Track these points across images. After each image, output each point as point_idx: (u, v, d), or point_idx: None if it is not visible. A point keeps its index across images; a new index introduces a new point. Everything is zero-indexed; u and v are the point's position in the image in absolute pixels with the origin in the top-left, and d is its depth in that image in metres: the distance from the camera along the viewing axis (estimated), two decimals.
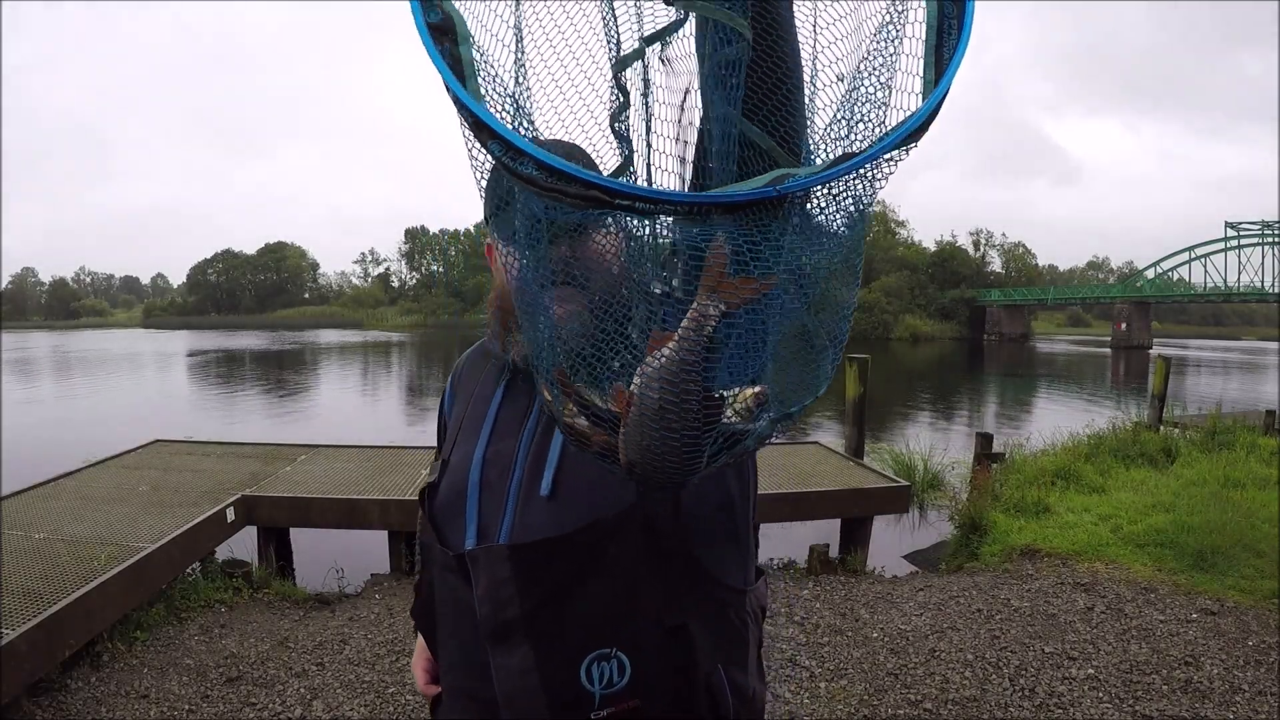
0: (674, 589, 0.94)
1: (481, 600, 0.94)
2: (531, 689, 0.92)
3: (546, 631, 0.92)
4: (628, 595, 0.92)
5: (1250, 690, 3.19)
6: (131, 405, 17.22)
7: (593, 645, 0.91)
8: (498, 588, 0.93)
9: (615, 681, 0.91)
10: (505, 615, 0.93)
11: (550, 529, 0.92)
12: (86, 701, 3.19)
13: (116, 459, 6.20)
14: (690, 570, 0.96)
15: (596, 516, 0.92)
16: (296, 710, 3.15)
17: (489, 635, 0.94)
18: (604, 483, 0.91)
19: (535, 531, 0.93)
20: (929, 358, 37.24)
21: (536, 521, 0.94)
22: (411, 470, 5.92)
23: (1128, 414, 10.12)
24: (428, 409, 17.42)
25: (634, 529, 0.92)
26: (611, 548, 0.91)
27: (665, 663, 0.94)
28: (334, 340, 48.81)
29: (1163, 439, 8.15)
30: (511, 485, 0.98)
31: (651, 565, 0.92)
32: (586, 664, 0.91)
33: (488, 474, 1.00)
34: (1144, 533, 5.18)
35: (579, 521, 0.92)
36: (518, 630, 0.92)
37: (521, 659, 0.92)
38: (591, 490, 0.93)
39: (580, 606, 0.92)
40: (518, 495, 0.96)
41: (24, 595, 3.32)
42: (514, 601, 0.92)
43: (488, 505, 0.98)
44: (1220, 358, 42.14)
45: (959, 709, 3.11)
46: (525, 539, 0.93)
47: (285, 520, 5.25)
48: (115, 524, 4.43)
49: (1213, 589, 4.32)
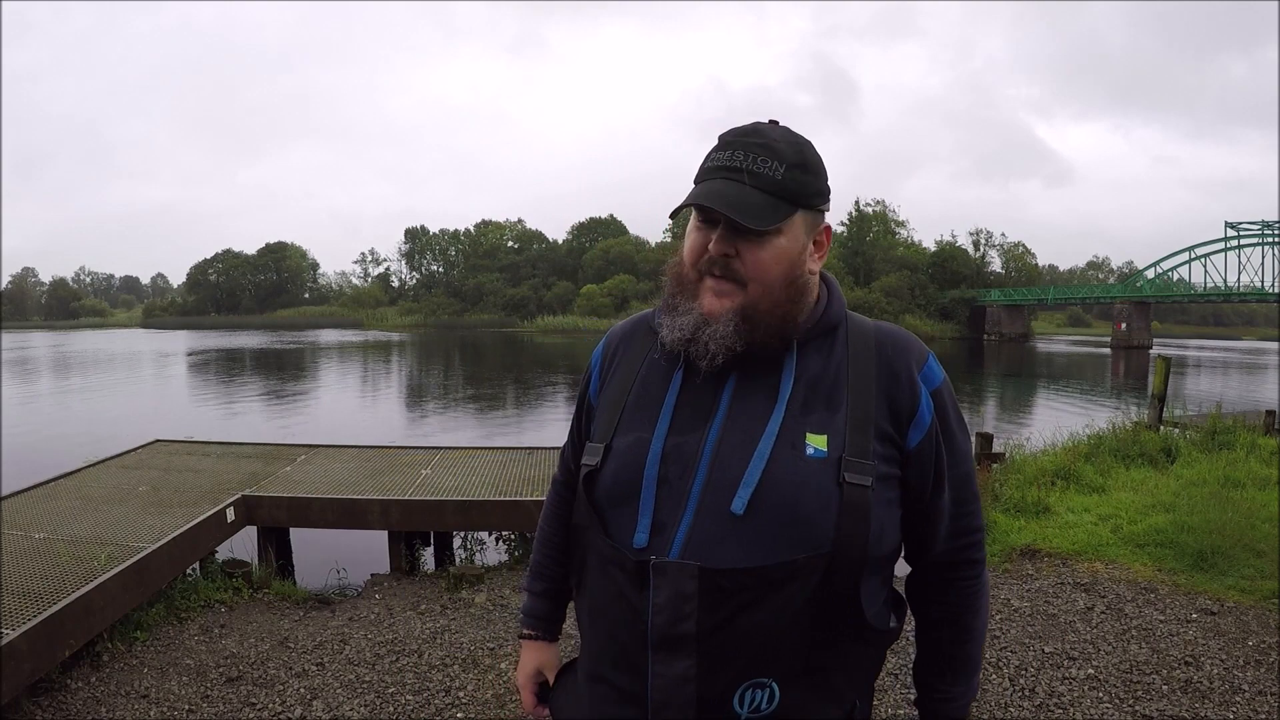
0: (833, 629, 0.97)
1: (659, 609, 0.95)
2: (686, 700, 0.95)
3: (713, 651, 0.94)
4: (792, 631, 0.95)
5: (1250, 690, 3.19)
6: (131, 405, 17.22)
7: (752, 673, 0.94)
8: (681, 602, 0.94)
9: (763, 709, 0.95)
10: (680, 629, 0.94)
11: (738, 553, 0.94)
12: (86, 701, 3.19)
13: (116, 459, 6.20)
14: (853, 614, 0.98)
15: (792, 556, 0.93)
16: (296, 710, 3.15)
17: (658, 642, 0.96)
18: (800, 517, 0.94)
19: (720, 549, 0.94)
20: None
21: (721, 537, 0.95)
22: (411, 470, 5.92)
23: (1128, 414, 10.11)
24: (428, 409, 17.42)
25: (815, 574, 0.94)
26: (787, 587, 0.93)
27: (810, 695, 0.97)
28: (334, 340, 48.79)
29: (1163, 439, 8.14)
30: (694, 488, 0.97)
31: (818, 609, 0.95)
32: (742, 689, 0.95)
33: (667, 469, 1.00)
34: (1144, 533, 5.18)
35: (769, 556, 0.93)
36: (689, 644, 0.94)
37: (684, 671, 0.95)
38: (787, 524, 0.94)
39: (748, 634, 0.94)
40: (700, 500, 0.97)
41: (24, 595, 3.32)
42: (692, 618, 0.94)
43: (665, 503, 0.98)
44: (1220, 358, 42.14)
45: None
46: (709, 555, 0.94)
47: (285, 520, 5.25)
48: (115, 524, 4.43)
49: (1213, 589, 4.32)
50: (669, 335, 1.04)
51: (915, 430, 1.02)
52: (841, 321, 1.08)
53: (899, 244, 65.38)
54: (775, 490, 0.95)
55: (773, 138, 1.01)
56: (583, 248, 79.54)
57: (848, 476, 0.95)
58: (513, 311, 73.46)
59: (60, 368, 28.27)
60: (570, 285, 73.18)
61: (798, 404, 1.01)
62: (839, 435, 0.98)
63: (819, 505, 0.94)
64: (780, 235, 0.99)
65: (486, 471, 5.94)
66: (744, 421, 1.00)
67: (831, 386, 1.02)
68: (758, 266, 0.99)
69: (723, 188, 0.98)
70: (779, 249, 1.00)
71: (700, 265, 1.02)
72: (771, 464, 0.96)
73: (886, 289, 56.51)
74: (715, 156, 1.02)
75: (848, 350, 1.05)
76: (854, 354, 1.04)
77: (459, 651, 3.71)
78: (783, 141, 1.01)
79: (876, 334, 1.08)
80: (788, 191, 0.99)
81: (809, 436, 0.98)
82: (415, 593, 4.69)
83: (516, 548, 5.54)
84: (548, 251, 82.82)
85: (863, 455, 0.97)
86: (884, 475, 0.99)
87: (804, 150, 1.02)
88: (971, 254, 65.24)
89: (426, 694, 3.29)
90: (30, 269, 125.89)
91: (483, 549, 5.85)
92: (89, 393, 19.97)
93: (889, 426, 1.01)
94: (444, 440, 11.51)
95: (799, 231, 1.01)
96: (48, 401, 18.18)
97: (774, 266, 1.00)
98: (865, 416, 0.99)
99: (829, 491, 0.95)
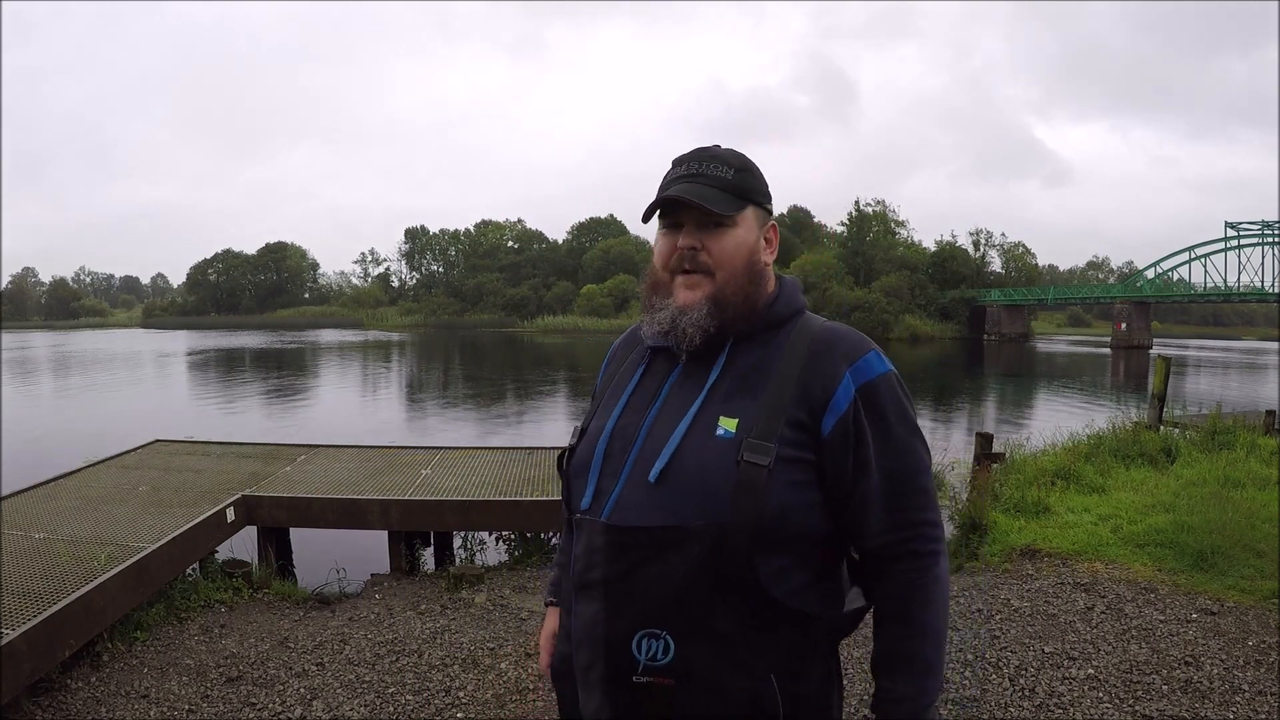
0: (735, 598, 1.07)
1: (578, 558, 1.15)
2: (595, 639, 1.11)
3: (616, 598, 1.09)
4: (685, 591, 1.06)
5: (1250, 690, 3.19)
6: (131, 405, 17.22)
7: (647, 622, 1.07)
8: (591, 552, 1.12)
9: (659, 658, 1.07)
10: (590, 575, 1.12)
11: (647, 515, 1.08)
12: (86, 701, 3.19)
13: (116, 459, 6.20)
14: (752, 589, 1.07)
15: (681, 522, 1.06)
16: (296, 710, 3.15)
17: (578, 587, 1.15)
18: (703, 488, 1.07)
19: (632, 511, 1.10)
20: (929, 358, 37.23)
21: (636, 502, 1.10)
22: (411, 470, 5.92)
23: (1128, 414, 10.10)
24: (428, 409, 17.42)
25: (707, 541, 1.05)
26: (683, 549, 1.06)
27: (710, 658, 1.07)
28: (334, 340, 48.80)
29: (1163, 439, 8.14)
30: (629, 460, 1.14)
31: (714, 575, 1.06)
32: (639, 636, 1.07)
33: (612, 445, 1.17)
34: (1144, 533, 5.18)
35: (666, 519, 1.07)
36: (596, 589, 1.11)
37: (594, 613, 1.11)
38: (689, 493, 1.07)
39: (645, 587, 1.07)
40: (630, 470, 1.13)
41: (24, 595, 3.32)
42: (599, 567, 1.11)
43: (606, 474, 1.15)
44: (1220, 358, 42.13)
45: (959, 709, 3.11)
46: (626, 515, 1.10)
47: (285, 520, 5.25)
48: (115, 524, 4.43)
49: (1213, 589, 4.32)
50: (650, 329, 1.21)
51: (829, 416, 1.10)
52: (789, 319, 1.20)
53: (899, 244, 65.25)
54: (683, 464, 1.09)
55: (718, 151, 1.21)
56: (583, 248, 79.54)
57: (746, 456, 1.07)
58: (513, 311, 73.45)
59: (60, 368, 28.27)
60: (570, 285, 73.17)
61: (721, 391, 1.14)
62: (750, 419, 1.10)
63: (719, 480, 1.06)
64: (737, 226, 1.17)
65: (486, 471, 5.94)
66: (675, 405, 1.15)
67: (758, 377, 1.14)
68: (722, 254, 1.16)
69: (686, 187, 1.16)
70: (738, 238, 1.17)
71: (671, 265, 1.18)
72: (684, 442, 1.10)
73: (886, 289, 56.46)
74: (672, 172, 1.21)
75: (785, 345, 1.16)
76: (789, 348, 1.15)
77: (459, 651, 3.71)
78: (727, 153, 1.21)
79: (818, 331, 1.17)
80: (739, 188, 1.17)
81: (722, 419, 1.11)
82: (415, 593, 4.69)
83: (516, 548, 5.53)
84: (548, 251, 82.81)
85: (766, 438, 1.08)
86: (790, 458, 1.08)
87: (745, 159, 1.21)
88: (971, 254, 65.15)
89: (426, 694, 3.29)
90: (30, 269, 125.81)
91: (483, 549, 5.84)
92: (89, 393, 19.97)
93: (802, 414, 1.10)
94: (444, 440, 11.51)
95: (752, 224, 1.19)
96: (48, 401, 18.19)
97: (736, 253, 1.16)
98: (778, 404, 1.10)
99: (728, 469, 1.07)
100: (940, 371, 29.82)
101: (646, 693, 1.07)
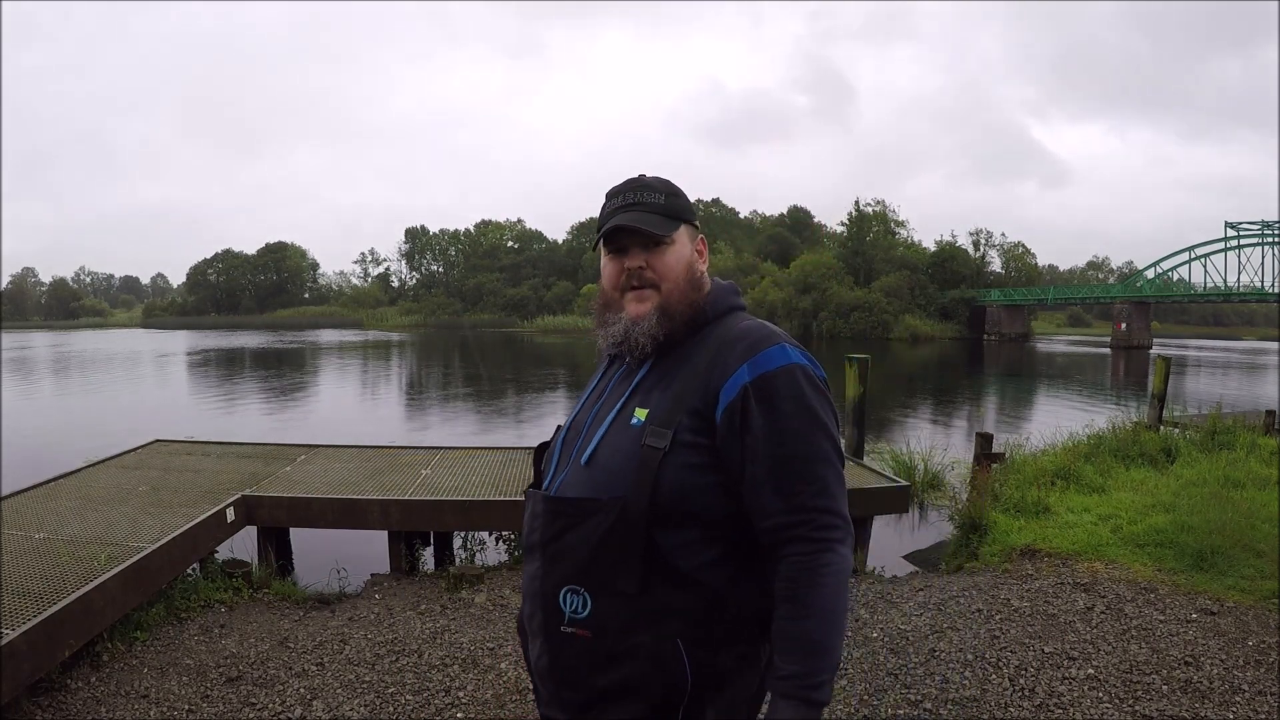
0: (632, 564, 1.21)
1: (525, 524, 1.36)
2: (534, 592, 1.30)
3: (549, 558, 1.28)
4: (598, 553, 1.23)
5: (1250, 690, 3.19)
6: (131, 405, 17.22)
7: (570, 580, 1.24)
8: (533, 518, 1.33)
9: (579, 612, 1.24)
10: (532, 538, 1.33)
11: (573, 490, 1.29)
12: (86, 701, 3.19)
13: (116, 459, 6.20)
14: (655, 557, 1.21)
15: (596, 495, 1.25)
16: (296, 710, 3.15)
17: (526, 548, 1.35)
18: (615, 468, 1.25)
19: (570, 487, 1.30)
20: (929, 358, 37.24)
21: (571, 481, 1.30)
22: (411, 470, 5.93)
23: (1128, 414, 10.12)
24: (428, 409, 17.43)
25: (613, 510, 1.22)
26: (596, 517, 1.24)
27: (621, 615, 1.21)
28: (334, 340, 48.80)
29: (1163, 439, 8.15)
30: (575, 449, 1.34)
31: (618, 540, 1.21)
32: (564, 591, 1.25)
33: (569, 437, 1.38)
34: (1144, 533, 5.18)
35: (586, 493, 1.26)
36: (537, 549, 1.31)
37: (534, 570, 1.31)
38: (606, 472, 1.26)
39: (570, 549, 1.25)
40: (575, 455, 1.32)
41: (24, 595, 3.31)
42: (537, 531, 1.31)
43: (561, 459, 1.36)
44: (1220, 358, 42.12)
45: (959, 709, 3.11)
46: (563, 491, 1.30)
47: (285, 520, 5.25)
48: (115, 524, 4.43)
49: (1213, 589, 4.32)
50: (605, 342, 1.37)
51: (720, 404, 1.23)
52: (716, 319, 1.34)
53: (899, 244, 65.26)
54: (603, 449, 1.28)
55: (646, 180, 1.37)
56: (583, 248, 79.46)
57: (646, 440, 1.23)
58: (513, 311, 73.46)
59: (60, 367, 28.27)
60: (570, 285, 73.16)
61: (644, 387, 1.31)
62: (657, 409, 1.26)
63: (624, 460, 1.24)
64: (674, 244, 1.34)
65: (486, 471, 5.94)
66: (611, 400, 1.34)
67: (674, 372, 1.29)
68: (665, 269, 1.33)
69: (626, 216, 1.32)
70: (676, 253, 1.34)
71: (620, 284, 1.34)
72: (608, 430, 1.29)
73: (886, 289, 56.47)
74: (610, 203, 1.37)
75: (704, 342, 1.31)
76: (705, 345, 1.30)
77: (459, 651, 3.71)
78: (654, 181, 1.38)
79: (734, 329, 1.31)
80: (671, 210, 1.35)
81: (636, 410, 1.28)
82: (415, 593, 4.69)
83: (516, 548, 5.53)
84: (548, 251, 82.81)
85: (665, 425, 1.23)
86: (687, 443, 1.23)
87: (671, 184, 1.38)
88: (971, 254, 65.17)
89: (426, 694, 3.29)
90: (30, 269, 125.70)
91: (483, 549, 5.84)
92: (89, 393, 19.98)
93: (699, 402, 1.24)
94: (444, 440, 11.50)
95: (685, 240, 1.36)
96: (48, 401, 18.19)
97: (676, 266, 1.33)
98: (681, 394, 1.26)
99: (633, 451, 1.24)
100: (940, 371, 29.82)
101: (570, 642, 1.24)
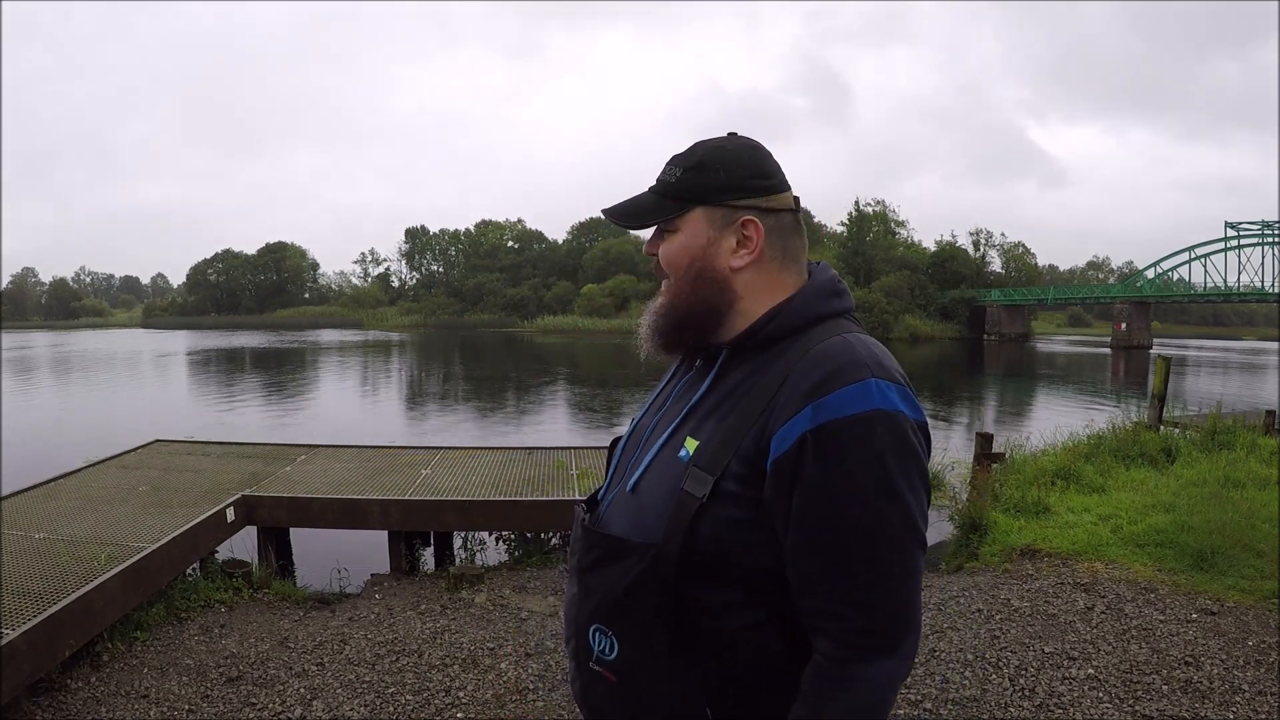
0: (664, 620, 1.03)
1: (570, 546, 1.21)
2: (571, 619, 1.15)
3: (584, 588, 1.12)
4: (631, 599, 1.05)
5: (1250, 690, 3.19)
6: (131, 405, 17.22)
7: (599, 618, 1.08)
8: (576, 540, 1.17)
9: (606, 654, 1.08)
10: (573, 560, 1.17)
11: (616, 522, 1.11)
12: (86, 701, 3.19)
13: (116, 459, 6.20)
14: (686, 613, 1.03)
15: (629, 536, 1.07)
16: (296, 710, 3.15)
17: (570, 567, 1.19)
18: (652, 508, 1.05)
19: (613, 516, 1.12)
20: (929, 358, 37.23)
21: (621, 507, 1.12)
22: (411, 470, 5.93)
23: (1128, 414, 10.10)
24: (428, 409, 17.43)
25: (644, 559, 1.03)
26: (625, 562, 1.06)
27: (647, 668, 1.05)
28: (334, 340, 48.79)
29: (1163, 439, 8.14)
30: (629, 465, 1.16)
31: (647, 593, 1.04)
32: (593, 629, 1.09)
33: (628, 447, 1.20)
34: (1144, 533, 5.18)
35: (621, 531, 1.09)
36: (575, 574, 1.15)
37: (573, 596, 1.15)
38: (644, 510, 1.07)
39: (601, 585, 1.08)
40: (625, 476, 1.14)
41: (24, 595, 3.32)
42: (577, 555, 1.15)
43: (616, 474, 1.19)
44: (1220, 358, 42.12)
45: (959, 709, 3.11)
46: (607, 518, 1.13)
47: (285, 520, 5.25)
48: (115, 524, 4.43)
49: (1213, 589, 4.32)
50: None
51: (772, 454, 0.97)
52: (795, 333, 1.05)
53: (899, 244, 65.21)
54: (647, 479, 1.08)
55: (696, 148, 1.11)
56: (583, 248, 79.47)
57: (686, 485, 1.01)
58: (513, 311, 73.41)
59: (60, 368, 28.27)
60: (570, 285, 73.13)
61: (702, 410, 1.08)
62: (705, 445, 1.03)
63: (662, 502, 1.04)
64: (679, 232, 1.09)
65: (486, 471, 5.94)
66: (670, 415, 1.13)
67: (736, 398, 1.04)
68: (668, 261, 1.11)
69: (626, 200, 1.14)
70: (678, 244, 1.10)
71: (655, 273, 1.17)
72: (656, 457, 1.09)
73: (886, 289, 56.43)
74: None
75: (775, 364, 1.03)
76: (775, 368, 1.02)
77: (459, 651, 3.71)
78: (701, 149, 1.10)
79: (813, 352, 1.01)
80: (678, 191, 1.08)
81: (687, 440, 1.05)
82: (415, 593, 4.69)
83: (516, 548, 5.54)
84: (548, 251, 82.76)
85: (710, 468, 1.00)
86: (730, 493, 0.99)
87: (714, 153, 1.09)
88: (971, 254, 65.10)
89: (426, 694, 3.29)
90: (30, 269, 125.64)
91: (483, 549, 5.85)
92: (89, 393, 19.97)
93: (751, 447, 0.99)
94: (444, 440, 11.50)
95: (699, 227, 1.08)
96: (48, 401, 18.19)
97: (677, 259, 1.10)
98: (735, 432, 1.01)
99: (672, 491, 1.03)
100: (940, 371, 29.83)
101: (598, 680, 1.09)
